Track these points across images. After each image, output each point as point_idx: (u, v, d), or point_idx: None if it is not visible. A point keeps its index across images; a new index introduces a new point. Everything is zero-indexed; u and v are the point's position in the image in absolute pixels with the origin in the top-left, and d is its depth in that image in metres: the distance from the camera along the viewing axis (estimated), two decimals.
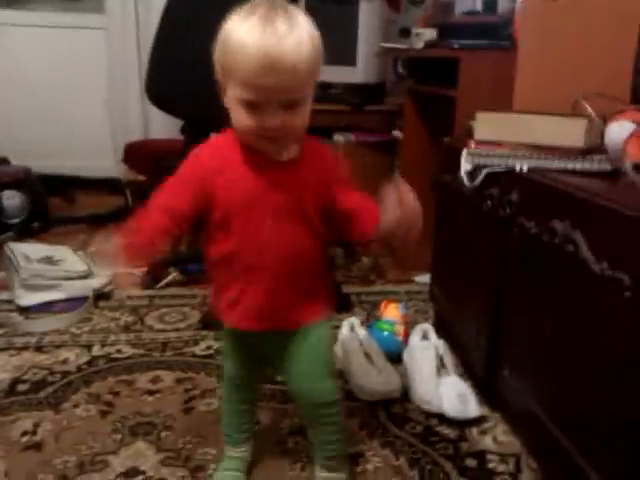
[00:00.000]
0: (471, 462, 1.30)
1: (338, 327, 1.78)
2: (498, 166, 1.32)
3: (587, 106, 1.37)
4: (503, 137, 1.34)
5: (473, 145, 1.37)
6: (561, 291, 1.14)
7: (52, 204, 3.00)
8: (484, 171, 1.34)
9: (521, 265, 1.29)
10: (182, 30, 2.01)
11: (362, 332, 1.69)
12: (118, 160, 3.01)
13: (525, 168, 1.27)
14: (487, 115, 1.38)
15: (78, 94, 3.31)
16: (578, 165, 1.25)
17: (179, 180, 1.00)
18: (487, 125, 1.37)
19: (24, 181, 2.81)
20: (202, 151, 1.02)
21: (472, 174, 1.39)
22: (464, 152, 1.40)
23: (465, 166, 1.38)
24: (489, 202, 1.36)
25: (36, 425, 1.37)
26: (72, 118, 3.34)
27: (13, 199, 2.74)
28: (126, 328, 1.86)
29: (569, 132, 1.29)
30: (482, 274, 1.45)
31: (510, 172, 1.30)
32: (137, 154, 2.83)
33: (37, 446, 1.30)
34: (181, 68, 1.97)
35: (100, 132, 3.27)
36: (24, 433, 1.34)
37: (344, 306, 2.04)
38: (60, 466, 1.24)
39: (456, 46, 1.87)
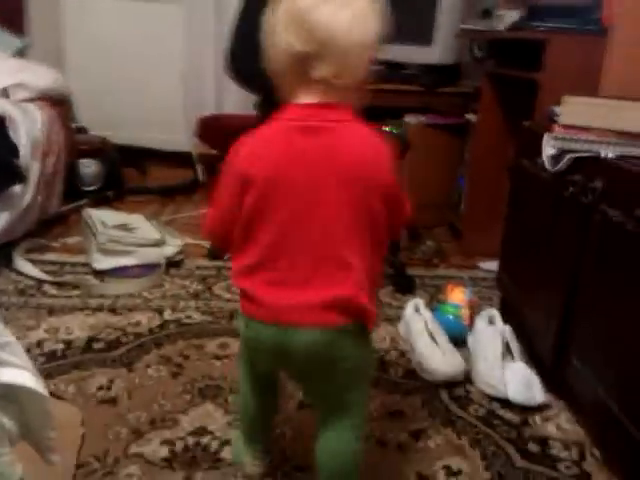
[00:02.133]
0: (534, 447, 1.29)
1: (402, 307, 1.79)
2: (583, 152, 1.28)
3: None
4: (590, 122, 1.31)
5: (558, 129, 1.34)
6: None
7: (125, 174, 3.10)
8: (568, 156, 1.31)
9: (600, 253, 1.26)
10: (265, 6, 2.03)
11: (427, 313, 1.69)
12: (190, 134, 3.07)
13: (611, 155, 1.24)
14: (575, 99, 1.34)
15: (155, 67, 3.38)
16: None
17: None
18: (574, 109, 1.34)
19: (101, 151, 2.91)
20: None
21: (555, 159, 1.36)
22: (547, 136, 1.37)
23: (548, 150, 1.36)
24: (570, 188, 1.33)
25: (110, 381, 1.44)
26: (148, 90, 3.40)
27: (90, 167, 2.85)
28: (195, 295, 1.92)
29: None
30: (557, 261, 1.42)
31: (595, 158, 1.27)
32: (210, 129, 2.88)
33: (112, 401, 1.37)
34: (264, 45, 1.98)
35: (174, 105, 3.33)
36: (100, 388, 1.41)
37: (408, 288, 2.04)
38: (133, 421, 1.30)
39: (543, 28, 1.82)
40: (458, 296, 1.76)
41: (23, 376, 0.84)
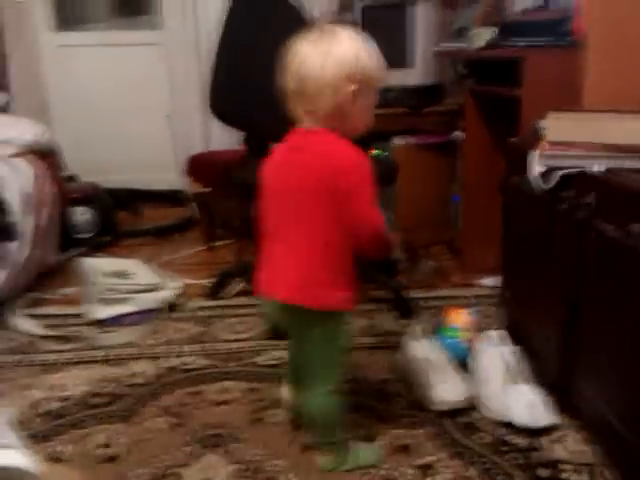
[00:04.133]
0: (543, 472, 1.25)
1: (404, 333, 1.76)
2: (572, 168, 1.27)
3: None
4: (576, 137, 1.29)
5: (546, 146, 1.32)
6: None
7: (119, 218, 3.11)
8: (559, 173, 1.29)
9: (598, 269, 1.24)
10: (240, 45, 2.04)
11: (428, 339, 1.66)
12: (181, 172, 3.08)
13: (601, 169, 1.22)
14: (559, 115, 1.32)
15: (140, 109, 3.40)
16: None
17: None
18: (559, 125, 1.32)
19: (93, 197, 2.91)
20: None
21: (544, 176, 1.34)
22: (535, 154, 1.35)
23: (537, 168, 1.34)
24: (563, 205, 1.31)
25: (110, 438, 1.41)
26: (135, 133, 3.43)
27: (84, 215, 2.85)
28: (194, 339, 1.90)
29: None
30: (557, 278, 1.40)
31: (585, 173, 1.25)
32: (200, 166, 2.88)
33: (112, 459, 1.34)
34: (242, 82, 2.00)
35: (163, 145, 3.35)
36: (99, 446, 1.38)
37: (409, 311, 2.01)
38: (135, 479, 1.27)
39: (519, 45, 1.82)
40: (459, 318, 1.73)
41: (9, 456, 0.82)
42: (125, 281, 2.14)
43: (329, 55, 1.10)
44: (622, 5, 1.46)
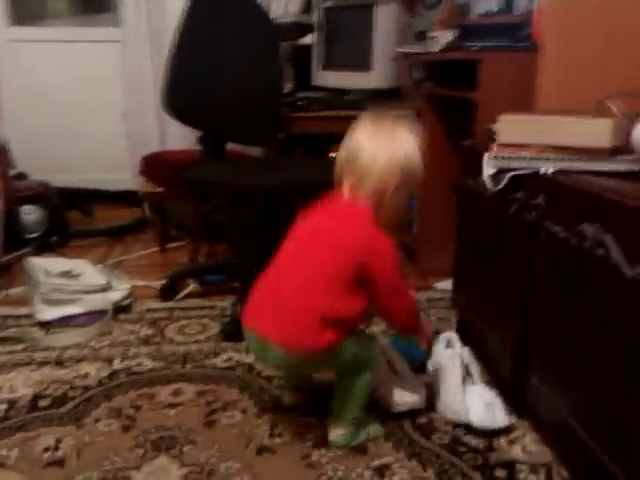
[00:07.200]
0: (501, 472, 1.26)
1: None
2: (522, 169, 1.29)
3: (612, 105, 1.34)
4: (527, 139, 1.31)
5: (496, 148, 1.34)
6: (592, 296, 1.11)
7: (70, 218, 3.02)
8: (508, 174, 1.31)
9: (549, 270, 1.26)
10: (199, 43, 2.01)
11: (385, 342, 1.66)
12: (135, 172, 3.01)
13: (550, 170, 1.24)
14: (511, 117, 1.35)
15: (94, 107, 3.33)
16: (605, 166, 1.22)
17: None
18: (511, 127, 1.34)
19: (42, 196, 2.82)
20: None
21: (495, 177, 1.35)
22: (486, 155, 1.37)
23: (488, 170, 1.35)
24: (514, 206, 1.33)
25: (58, 441, 1.35)
26: (89, 131, 3.36)
27: (32, 214, 2.76)
28: (146, 341, 1.85)
29: (595, 133, 1.25)
30: (508, 279, 1.41)
31: (535, 175, 1.27)
32: (155, 166, 2.82)
33: (59, 462, 1.29)
34: (198, 80, 1.97)
35: (117, 145, 3.28)
36: (46, 449, 1.33)
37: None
38: None
39: (476, 48, 1.84)
40: None
41: None
42: (72, 281, 2.07)
43: (382, 149, 1.24)
44: (576, 11, 1.50)
